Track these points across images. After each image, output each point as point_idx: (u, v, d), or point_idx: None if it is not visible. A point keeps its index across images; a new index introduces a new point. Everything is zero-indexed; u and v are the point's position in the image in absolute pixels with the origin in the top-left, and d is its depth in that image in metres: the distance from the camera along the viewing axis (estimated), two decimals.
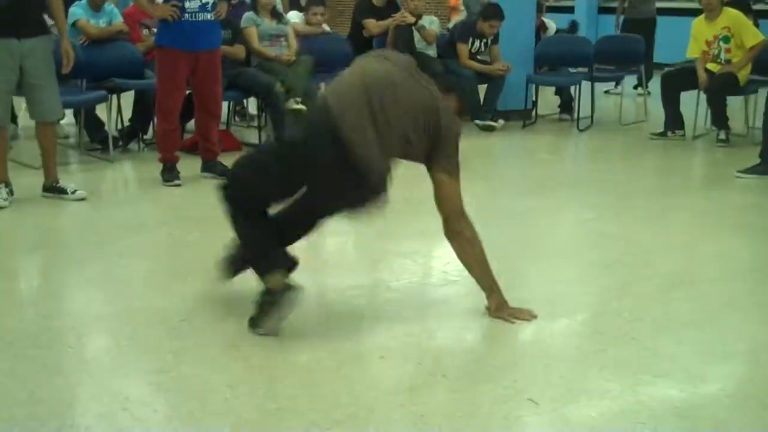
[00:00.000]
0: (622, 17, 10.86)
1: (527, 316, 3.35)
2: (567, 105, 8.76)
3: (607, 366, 2.93)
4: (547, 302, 3.55)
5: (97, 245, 4.29)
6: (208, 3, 5.38)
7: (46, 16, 5.12)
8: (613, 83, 10.13)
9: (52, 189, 5.14)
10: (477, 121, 7.96)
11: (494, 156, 7.34)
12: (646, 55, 10.32)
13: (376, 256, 4.18)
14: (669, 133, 7.58)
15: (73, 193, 5.12)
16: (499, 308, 3.37)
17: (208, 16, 5.41)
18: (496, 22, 7.92)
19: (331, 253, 4.02)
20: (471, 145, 7.59)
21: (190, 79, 5.51)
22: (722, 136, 7.26)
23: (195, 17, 5.35)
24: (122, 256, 4.11)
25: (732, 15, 7.30)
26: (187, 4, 5.32)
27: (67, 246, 4.36)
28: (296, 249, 3.99)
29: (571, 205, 5.34)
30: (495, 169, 7.00)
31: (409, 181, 3.64)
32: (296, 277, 3.68)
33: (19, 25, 4.84)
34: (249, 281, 3.77)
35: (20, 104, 6.02)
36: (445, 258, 4.08)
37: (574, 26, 11.42)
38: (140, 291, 3.65)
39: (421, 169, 3.40)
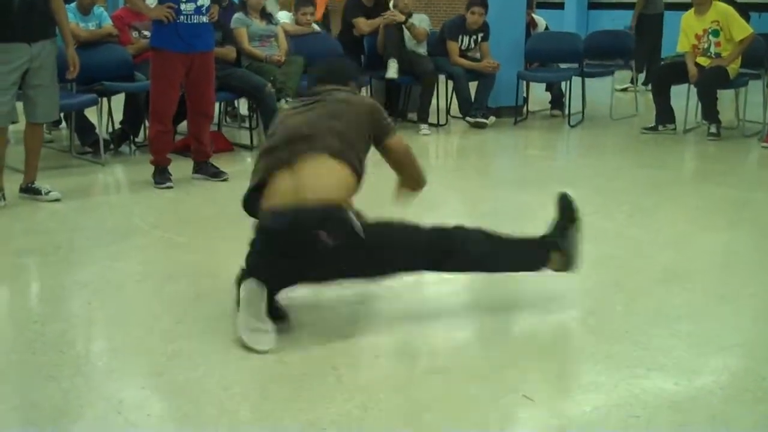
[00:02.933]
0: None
1: None
2: (558, 101, 8.76)
3: (602, 360, 2.93)
4: (541, 298, 3.56)
5: (89, 249, 4.28)
6: (203, 5, 5.38)
7: None
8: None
9: (28, 189, 5.18)
10: (468, 118, 7.97)
11: (486, 152, 7.34)
12: (653, 49, 10.34)
13: None
14: (660, 128, 7.60)
15: (47, 194, 5.14)
16: None
17: (204, 18, 5.41)
18: (477, 8, 7.91)
19: None
20: (464, 142, 7.64)
21: (183, 80, 5.50)
22: (713, 129, 7.27)
23: (190, 19, 5.34)
24: (114, 259, 4.10)
25: (721, 9, 7.31)
26: (182, 6, 5.31)
27: (59, 250, 4.34)
28: None
29: None
30: (487, 165, 7.00)
31: None
32: None
33: (31, 29, 4.92)
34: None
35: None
36: None
37: None
38: (133, 294, 3.65)
39: None
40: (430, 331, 3.25)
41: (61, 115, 6.68)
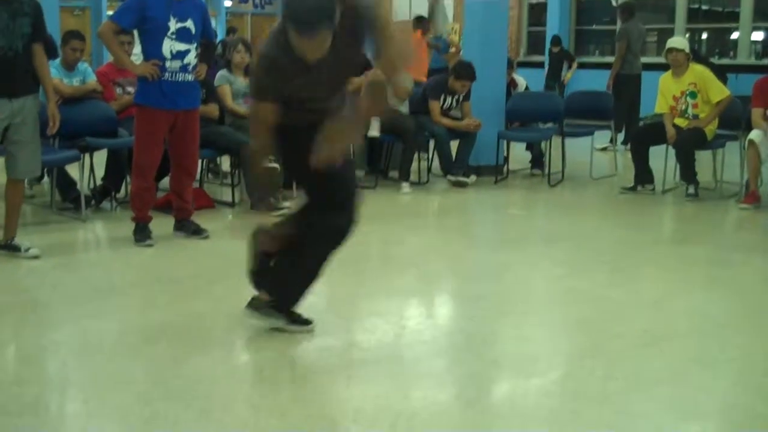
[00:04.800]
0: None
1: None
2: (538, 160, 8.84)
3: (581, 426, 2.93)
4: (520, 361, 3.56)
5: (68, 307, 4.25)
6: (189, 64, 5.41)
7: None
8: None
9: (7, 246, 5.15)
10: (449, 177, 8.03)
11: (467, 211, 7.38)
12: (631, 109, 10.51)
13: (348, 316, 4.17)
14: (639, 188, 7.67)
15: (26, 251, 5.11)
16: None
17: (189, 76, 5.43)
18: (468, 82, 8.03)
19: (303, 312, 4.00)
20: (445, 201, 7.67)
21: (167, 136, 5.51)
22: (691, 190, 7.36)
23: (175, 77, 5.37)
24: (93, 318, 4.07)
25: (698, 71, 7.44)
26: (168, 64, 5.34)
27: (37, 308, 4.32)
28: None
29: (543, 261, 5.37)
30: (468, 224, 7.03)
31: (384, 240, 3.66)
32: (269, 338, 3.68)
33: (13, 84, 4.93)
34: (222, 349, 3.76)
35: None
36: (417, 318, 4.10)
37: None
38: (111, 354, 3.61)
39: (397, 226, 3.41)
40: (407, 394, 3.24)
41: (44, 170, 6.68)
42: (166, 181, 6.08)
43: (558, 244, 5.87)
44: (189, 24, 5.37)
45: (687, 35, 14.80)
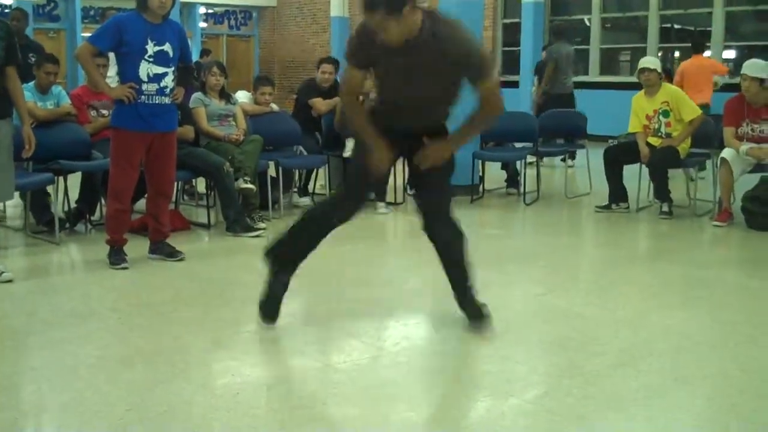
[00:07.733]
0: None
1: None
2: (513, 179, 8.89)
3: None
4: (498, 381, 3.56)
5: (43, 332, 4.21)
6: (166, 87, 5.38)
7: None
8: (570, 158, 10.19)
9: None
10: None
11: None
12: None
13: (324, 337, 4.16)
14: (613, 206, 7.73)
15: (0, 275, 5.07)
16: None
17: (166, 99, 5.41)
18: None
19: (278, 333, 3.99)
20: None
21: (143, 159, 5.49)
22: (665, 208, 7.42)
23: (151, 100, 5.34)
24: (69, 342, 4.03)
25: (670, 90, 7.53)
26: (144, 87, 5.32)
27: (11, 334, 4.27)
28: (243, 334, 3.96)
29: (520, 280, 5.39)
30: None
31: (360, 260, 3.66)
32: (245, 361, 3.66)
33: None
34: (199, 372, 3.73)
35: None
36: (394, 338, 4.10)
37: None
38: (87, 379, 3.58)
39: (373, 246, 3.41)
40: (384, 416, 3.23)
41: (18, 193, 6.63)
42: (141, 203, 6.06)
43: (535, 262, 5.89)
44: (167, 47, 5.36)
45: (659, 54, 14.96)
